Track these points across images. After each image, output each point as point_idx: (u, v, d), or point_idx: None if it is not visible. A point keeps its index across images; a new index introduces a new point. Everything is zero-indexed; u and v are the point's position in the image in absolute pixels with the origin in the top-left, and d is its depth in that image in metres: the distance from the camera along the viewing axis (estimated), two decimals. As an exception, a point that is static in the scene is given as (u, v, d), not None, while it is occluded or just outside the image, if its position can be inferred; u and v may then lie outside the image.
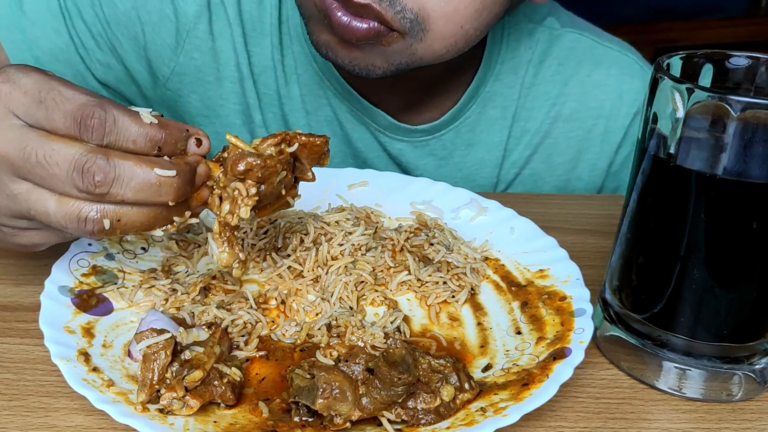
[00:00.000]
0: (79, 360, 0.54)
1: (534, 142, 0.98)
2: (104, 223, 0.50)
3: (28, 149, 0.49)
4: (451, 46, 0.74)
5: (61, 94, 0.50)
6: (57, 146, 0.49)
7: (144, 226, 0.52)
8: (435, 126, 0.94)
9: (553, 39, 0.97)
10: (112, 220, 0.50)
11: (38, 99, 0.50)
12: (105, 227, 0.50)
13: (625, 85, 0.97)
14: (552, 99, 0.97)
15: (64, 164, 0.48)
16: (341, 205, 0.77)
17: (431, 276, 0.67)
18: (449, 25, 0.72)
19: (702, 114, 0.51)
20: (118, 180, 0.49)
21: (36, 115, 0.50)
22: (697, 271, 0.55)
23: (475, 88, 0.94)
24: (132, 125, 0.50)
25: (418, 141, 0.96)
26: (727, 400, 0.58)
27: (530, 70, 0.96)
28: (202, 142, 0.53)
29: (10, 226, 0.55)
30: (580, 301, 0.62)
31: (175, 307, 0.63)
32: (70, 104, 0.49)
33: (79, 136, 0.49)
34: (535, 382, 0.54)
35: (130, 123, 0.50)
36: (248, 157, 0.54)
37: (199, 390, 0.52)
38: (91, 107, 0.49)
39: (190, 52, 0.90)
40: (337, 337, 0.61)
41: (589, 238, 0.79)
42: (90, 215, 0.50)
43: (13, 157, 0.50)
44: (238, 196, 0.55)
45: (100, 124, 0.49)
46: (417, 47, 0.73)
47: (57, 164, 0.49)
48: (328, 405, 0.51)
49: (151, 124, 0.50)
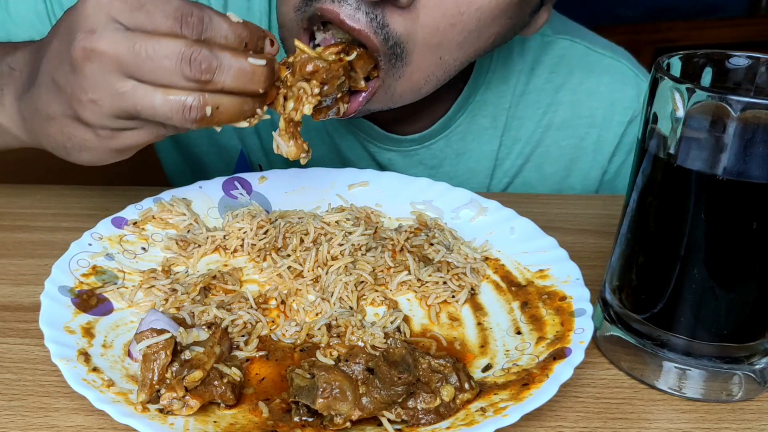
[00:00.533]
0: (79, 360, 0.54)
1: (526, 152, 0.97)
2: (206, 110, 0.55)
3: (137, 46, 0.53)
4: (429, 77, 0.73)
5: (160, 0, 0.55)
6: (164, 41, 0.54)
7: (236, 116, 0.57)
8: (425, 135, 0.94)
9: (545, 46, 0.95)
10: (213, 107, 0.55)
11: (138, 4, 0.54)
12: (207, 114, 0.55)
13: (617, 93, 0.96)
14: (543, 107, 0.96)
15: (173, 56, 0.53)
16: (341, 205, 0.77)
17: (431, 276, 0.67)
18: (429, 56, 0.70)
19: (702, 114, 0.51)
20: (221, 68, 0.54)
21: (138, 18, 0.54)
22: (697, 271, 0.55)
23: (466, 97, 0.93)
24: (224, 23, 0.56)
25: (407, 150, 0.95)
26: (727, 400, 0.58)
27: (521, 78, 0.95)
28: (274, 43, 0.59)
29: (110, 127, 0.58)
30: (580, 301, 0.62)
31: (175, 307, 0.63)
32: (169, 5, 0.54)
33: (180, 32, 0.54)
34: (535, 382, 0.54)
35: (222, 21, 0.56)
36: (316, 60, 0.61)
37: (199, 390, 0.52)
38: (189, 7, 0.54)
39: None
40: (337, 337, 0.61)
41: (589, 238, 0.79)
42: (194, 104, 0.55)
43: (123, 56, 0.54)
44: (303, 95, 0.61)
45: (198, 21, 0.54)
46: (395, 87, 0.72)
47: (167, 56, 0.53)
48: (328, 404, 0.51)
49: (238, 22, 0.56)
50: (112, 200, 0.81)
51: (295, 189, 0.80)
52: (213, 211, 0.76)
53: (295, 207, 0.78)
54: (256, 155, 0.98)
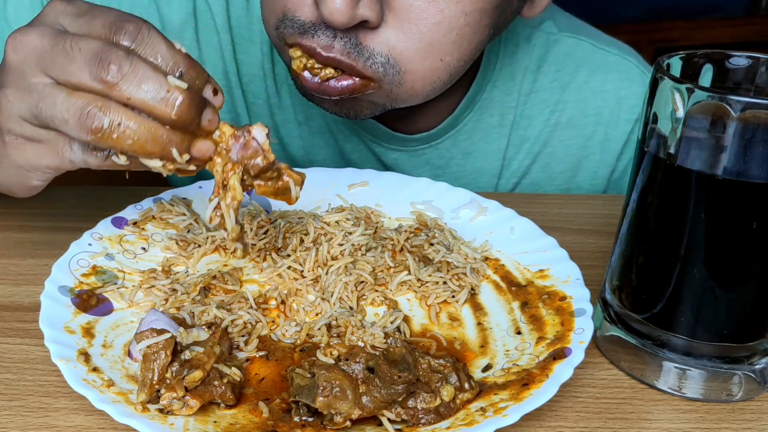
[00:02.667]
0: (79, 360, 0.54)
1: (534, 151, 0.97)
2: (104, 121, 0.50)
3: (58, 38, 0.52)
4: (435, 82, 0.72)
5: (108, 9, 0.54)
6: (86, 39, 0.51)
7: (142, 144, 0.51)
8: (431, 135, 0.93)
9: (551, 44, 0.95)
10: (112, 120, 0.50)
11: (86, 10, 0.54)
12: (104, 125, 0.50)
13: (624, 91, 0.95)
14: (551, 106, 0.95)
15: (86, 50, 0.50)
16: (341, 205, 0.77)
17: (431, 276, 0.67)
18: (428, 61, 0.69)
19: (702, 114, 0.51)
20: (131, 74, 0.50)
21: (79, 21, 0.53)
22: (697, 271, 0.55)
23: (473, 95, 0.92)
24: (163, 44, 0.52)
25: (413, 150, 0.94)
26: (727, 400, 0.58)
27: (528, 76, 0.94)
28: (218, 94, 0.54)
29: (16, 133, 0.55)
30: (580, 301, 0.62)
31: (175, 307, 0.63)
32: (112, 15, 0.52)
33: (112, 37, 0.51)
34: (535, 382, 0.54)
35: (162, 41, 0.52)
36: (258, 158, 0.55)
37: (199, 390, 0.52)
38: (131, 20, 0.52)
39: None
40: (337, 337, 0.61)
41: (589, 238, 0.79)
42: (92, 110, 0.50)
43: (43, 48, 0.52)
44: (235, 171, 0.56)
45: (135, 29, 0.51)
46: (398, 92, 0.71)
47: (80, 49, 0.50)
48: (329, 403, 0.51)
49: (180, 50, 0.52)
50: (112, 200, 0.81)
51: (295, 189, 0.80)
52: (213, 211, 0.76)
53: (295, 207, 0.78)
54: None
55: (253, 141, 0.55)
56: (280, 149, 0.97)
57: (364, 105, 0.74)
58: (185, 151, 0.53)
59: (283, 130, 0.95)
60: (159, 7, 0.87)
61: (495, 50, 0.92)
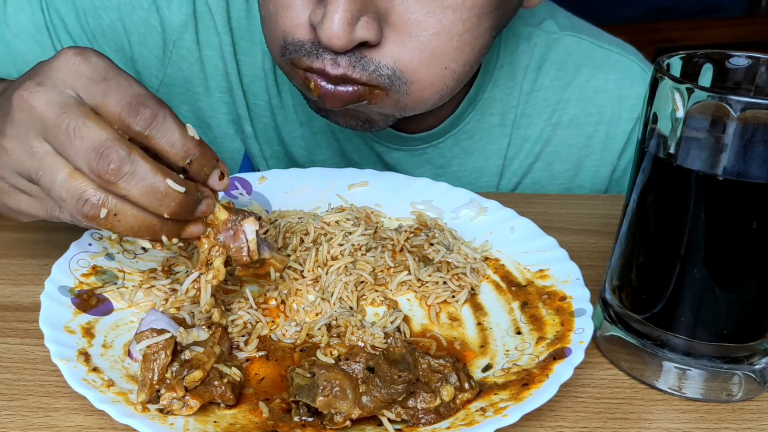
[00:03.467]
0: (79, 360, 0.54)
1: (535, 150, 0.97)
2: (101, 212, 0.51)
3: (64, 116, 0.51)
4: (442, 89, 0.71)
5: (126, 80, 0.52)
6: (90, 124, 0.51)
7: (135, 230, 0.53)
8: (433, 134, 0.93)
9: (551, 43, 0.94)
10: (109, 211, 0.51)
11: (103, 76, 0.52)
12: (100, 216, 0.51)
13: (625, 90, 0.95)
14: (552, 105, 0.95)
15: (88, 140, 0.50)
16: (341, 205, 0.77)
17: (431, 276, 0.67)
18: (432, 69, 0.69)
19: (702, 114, 0.51)
20: (130, 175, 0.50)
21: (94, 89, 0.52)
22: (697, 271, 0.55)
23: (474, 95, 0.92)
24: (177, 130, 0.52)
25: (415, 149, 0.94)
26: (727, 400, 0.58)
27: (528, 75, 0.94)
28: (224, 178, 0.56)
29: (9, 182, 0.56)
30: (580, 301, 0.62)
31: (175, 307, 0.63)
32: (131, 90, 0.52)
33: (126, 119, 0.51)
34: (535, 382, 0.54)
35: (176, 128, 0.52)
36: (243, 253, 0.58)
37: (199, 390, 0.52)
38: (151, 99, 0.52)
39: (177, 62, 0.89)
40: (337, 337, 0.61)
41: (589, 238, 0.79)
42: (91, 199, 0.51)
43: (47, 119, 0.51)
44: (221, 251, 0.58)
45: (151, 115, 0.51)
46: (406, 101, 0.71)
47: (82, 138, 0.50)
48: (329, 402, 0.51)
49: (193, 138, 0.53)
50: (112, 200, 0.81)
51: (295, 189, 0.80)
52: (213, 211, 0.76)
53: (295, 207, 0.78)
54: (259, 162, 0.98)
55: (242, 235, 0.57)
56: (281, 150, 0.97)
57: (375, 116, 0.74)
58: (175, 236, 0.55)
59: (284, 131, 0.94)
60: (159, 9, 0.86)
61: (496, 50, 0.92)
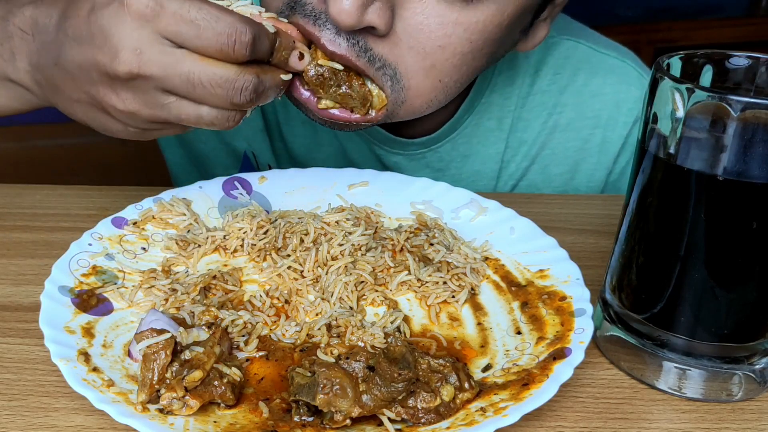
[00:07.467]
0: (79, 360, 0.54)
1: (531, 153, 0.97)
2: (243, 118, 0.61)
3: (190, 75, 0.55)
4: (431, 101, 0.72)
5: (210, 13, 0.55)
6: (215, 70, 0.56)
7: None
8: (431, 138, 0.93)
9: (549, 47, 0.95)
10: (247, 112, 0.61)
11: (188, 18, 0.54)
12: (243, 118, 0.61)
13: (622, 94, 0.95)
14: (549, 109, 0.95)
15: (225, 84, 0.56)
16: (341, 205, 0.77)
17: (431, 276, 0.67)
18: (428, 80, 0.69)
19: (702, 114, 0.51)
20: (264, 93, 0.59)
21: (187, 34, 0.54)
22: (697, 271, 0.55)
23: (472, 100, 0.92)
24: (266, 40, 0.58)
25: (414, 154, 0.94)
26: (727, 400, 0.58)
27: (526, 79, 0.94)
28: (303, 57, 0.63)
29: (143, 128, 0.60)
30: (580, 301, 0.62)
31: (175, 307, 0.63)
32: (221, 23, 0.55)
33: (232, 53, 0.55)
34: (535, 382, 0.54)
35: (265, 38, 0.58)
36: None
37: (199, 390, 0.52)
38: (241, 26, 0.55)
39: None
40: (337, 337, 0.61)
41: (589, 238, 0.79)
42: (237, 117, 0.60)
43: (174, 82, 0.55)
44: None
45: (250, 43, 0.56)
46: (398, 111, 0.71)
47: (219, 86, 0.56)
48: (329, 401, 0.51)
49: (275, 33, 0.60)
50: (112, 200, 0.81)
51: (295, 189, 0.80)
52: (213, 211, 0.76)
53: (295, 207, 0.78)
54: (265, 156, 0.98)
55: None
56: (282, 147, 0.97)
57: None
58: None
59: (285, 128, 0.95)
60: None
61: None
